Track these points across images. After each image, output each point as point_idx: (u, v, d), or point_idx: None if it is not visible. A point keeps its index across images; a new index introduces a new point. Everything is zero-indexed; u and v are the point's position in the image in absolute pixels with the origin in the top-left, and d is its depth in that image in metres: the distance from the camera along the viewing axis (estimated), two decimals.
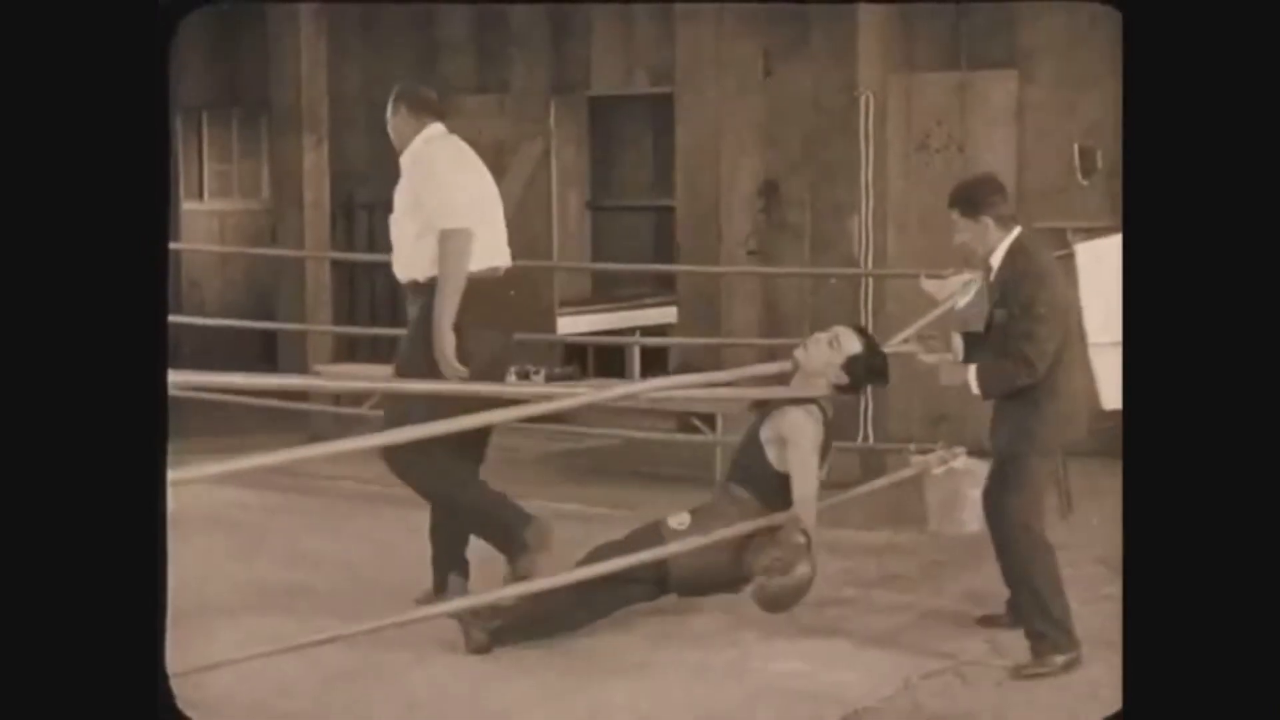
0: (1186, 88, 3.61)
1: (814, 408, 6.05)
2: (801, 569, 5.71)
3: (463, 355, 6.00)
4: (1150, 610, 3.55)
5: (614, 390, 5.47)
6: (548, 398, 5.43)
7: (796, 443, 5.96)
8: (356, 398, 10.29)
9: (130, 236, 3.37)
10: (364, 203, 12.25)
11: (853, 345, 6.10)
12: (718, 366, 8.03)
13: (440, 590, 6.23)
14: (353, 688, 5.37)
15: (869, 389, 6.57)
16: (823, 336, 6.14)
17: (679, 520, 5.92)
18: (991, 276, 5.87)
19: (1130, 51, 3.70)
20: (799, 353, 6.10)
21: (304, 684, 5.29)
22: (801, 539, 5.75)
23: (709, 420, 8.89)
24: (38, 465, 3.26)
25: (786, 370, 6.14)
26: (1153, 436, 3.60)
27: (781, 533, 5.80)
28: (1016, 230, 5.79)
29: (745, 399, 7.55)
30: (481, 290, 6.09)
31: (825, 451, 6.07)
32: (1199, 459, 3.54)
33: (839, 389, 6.09)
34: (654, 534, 5.91)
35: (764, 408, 6.15)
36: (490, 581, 6.08)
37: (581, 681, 5.51)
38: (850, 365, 6.06)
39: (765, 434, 6.05)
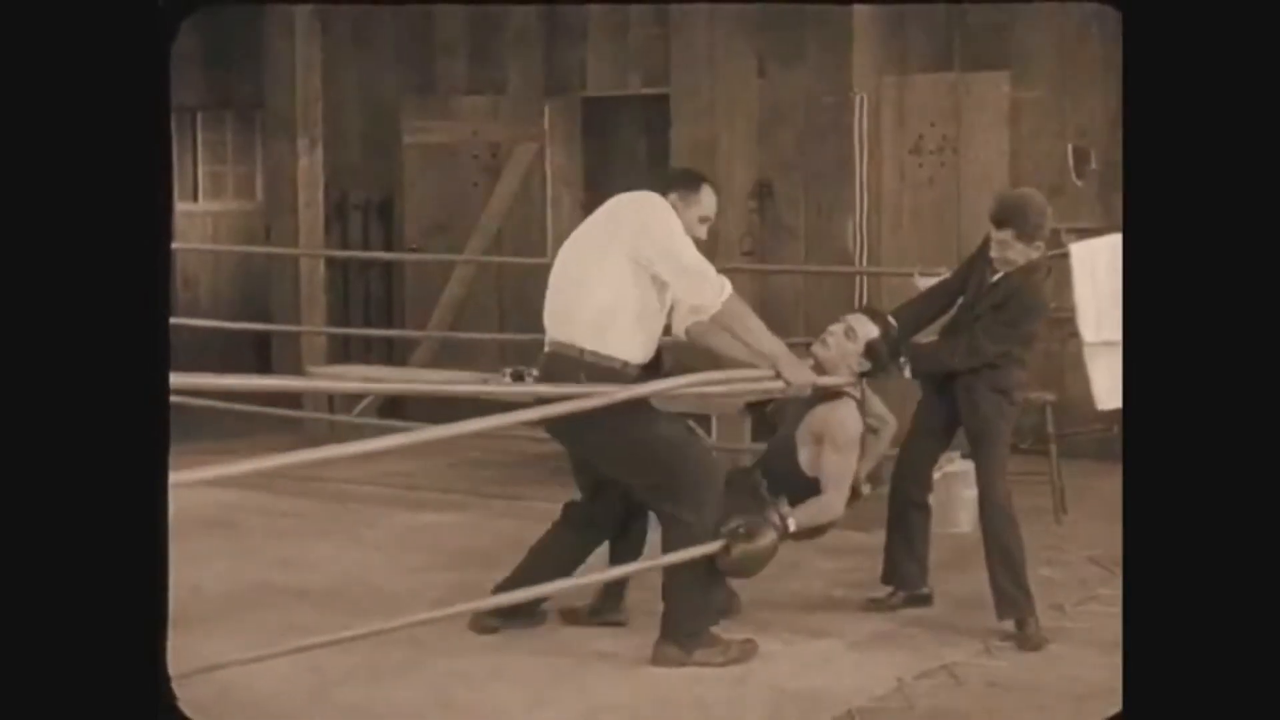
0: (1186, 88, 3.62)
1: (852, 402, 6.04)
2: (766, 538, 5.70)
3: None
4: (1150, 610, 3.56)
5: (625, 392, 5.44)
6: (553, 400, 5.41)
7: (834, 439, 5.94)
8: (350, 402, 10.30)
9: (131, 238, 3.37)
10: (358, 204, 12.27)
11: (869, 330, 6.08)
12: (712, 367, 8.04)
13: None
14: (351, 689, 5.37)
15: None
16: (837, 328, 6.10)
17: None
18: (996, 276, 6.02)
19: (1130, 51, 3.71)
20: (817, 348, 6.06)
21: (303, 684, 5.30)
22: (776, 520, 5.78)
23: (704, 422, 8.90)
24: (38, 468, 3.27)
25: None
26: (1153, 436, 3.61)
27: (759, 508, 5.83)
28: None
29: (741, 400, 7.56)
30: None
31: (864, 446, 6.08)
32: (1199, 459, 3.55)
33: (863, 376, 6.10)
34: None
35: (795, 407, 6.13)
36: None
37: (576, 681, 5.52)
38: (871, 350, 6.06)
39: (800, 433, 6.03)
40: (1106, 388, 7.07)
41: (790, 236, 10.46)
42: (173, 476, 3.50)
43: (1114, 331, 6.53)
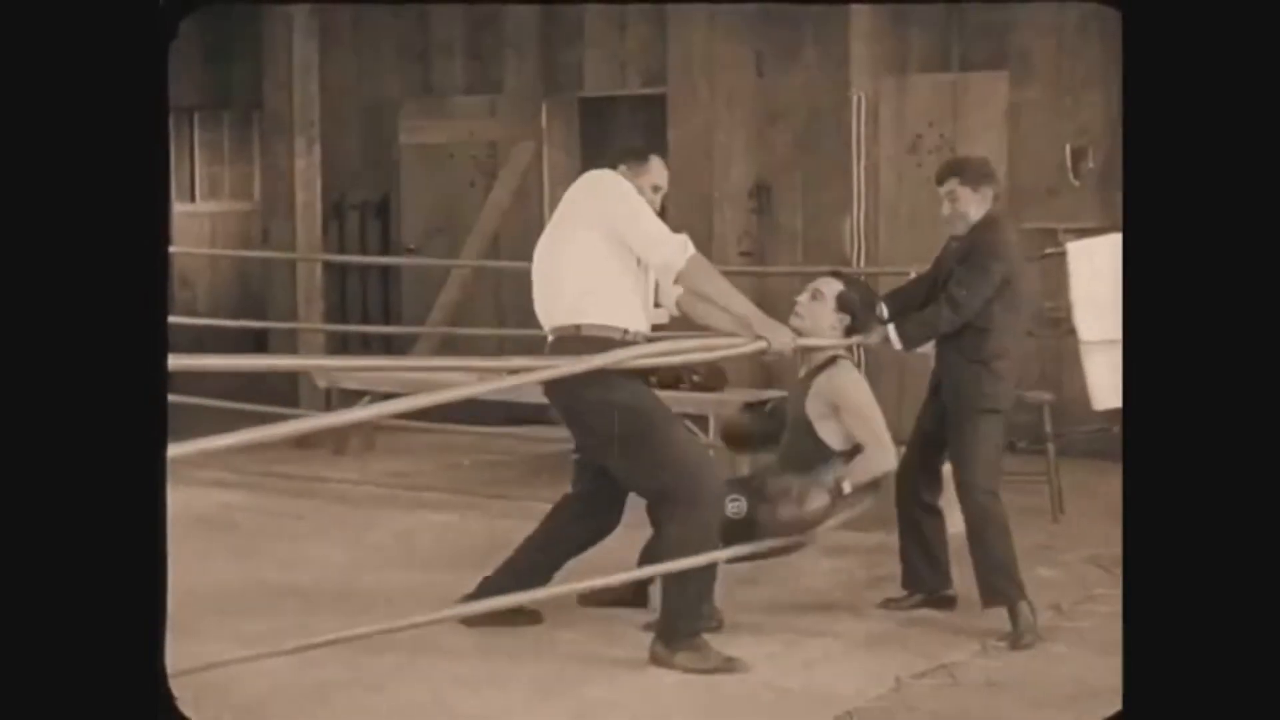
0: (1185, 88, 3.63)
1: (848, 364, 6.14)
2: (817, 502, 5.82)
3: None
4: (1150, 610, 3.56)
5: (601, 359, 5.44)
6: (531, 369, 5.43)
7: (849, 408, 6.02)
8: (346, 400, 10.29)
9: (129, 238, 3.38)
10: (355, 204, 12.27)
11: (834, 287, 6.20)
12: (711, 365, 8.05)
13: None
14: (349, 689, 5.37)
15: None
16: (803, 295, 6.23)
17: (735, 509, 5.85)
18: (958, 237, 6.17)
19: (1130, 51, 3.71)
20: (794, 321, 6.13)
21: (301, 685, 5.30)
22: (830, 483, 5.88)
23: (701, 422, 8.89)
24: (38, 469, 3.27)
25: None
26: (1153, 436, 3.61)
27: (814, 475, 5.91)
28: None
29: (739, 400, 7.56)
30: None
31: None
32: (1199, 459, 3.55)
33: (850, 333, 6.17)
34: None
35: (795, 392, 6.16)
36: None
37: (575, 682, 5.51)
38: (843, 303, 6.15)
39: (813, 411, 6.07)
40: (1103, 386, 7.07)
41: (788, 237, 10.47)
42: (177, 448, 3.53)
43: (1111, 330, 6.53)
